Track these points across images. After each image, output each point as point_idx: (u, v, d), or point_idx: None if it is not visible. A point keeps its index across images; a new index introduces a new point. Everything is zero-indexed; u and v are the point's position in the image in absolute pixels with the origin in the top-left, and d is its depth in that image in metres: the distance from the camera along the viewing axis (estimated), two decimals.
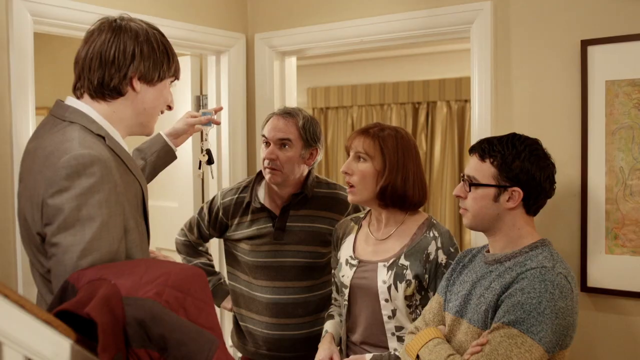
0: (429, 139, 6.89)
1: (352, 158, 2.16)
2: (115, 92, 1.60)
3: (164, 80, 1.66)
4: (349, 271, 2.19)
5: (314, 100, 7.49)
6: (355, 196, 2.15)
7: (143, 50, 1.59)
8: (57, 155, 1.46)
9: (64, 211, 1.43)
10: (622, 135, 2.24)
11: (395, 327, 2.10)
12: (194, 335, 1.32)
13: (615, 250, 2.27)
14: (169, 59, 1.66)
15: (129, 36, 1.59)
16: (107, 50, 1.57)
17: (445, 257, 2.08)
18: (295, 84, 3.34)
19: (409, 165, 2.13)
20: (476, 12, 2.52)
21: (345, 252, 2.25)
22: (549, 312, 1.67)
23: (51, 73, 4.00)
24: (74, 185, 1.44)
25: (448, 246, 2.10)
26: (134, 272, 1.39)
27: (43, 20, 2.38)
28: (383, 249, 2.16)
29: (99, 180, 1.46)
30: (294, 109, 2.49)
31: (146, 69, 1.60)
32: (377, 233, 2.21)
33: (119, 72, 1.58)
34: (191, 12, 2.95)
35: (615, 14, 2.26)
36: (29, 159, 1.59)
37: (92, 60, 1.58)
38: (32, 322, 1.21)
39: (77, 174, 1.44)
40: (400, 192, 2.11)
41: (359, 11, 2.87)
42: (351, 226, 2.31)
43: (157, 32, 1.66)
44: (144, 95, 1.63)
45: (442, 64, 6.66)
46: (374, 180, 2.11)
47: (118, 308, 1.29)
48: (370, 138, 2.13)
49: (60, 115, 1.60)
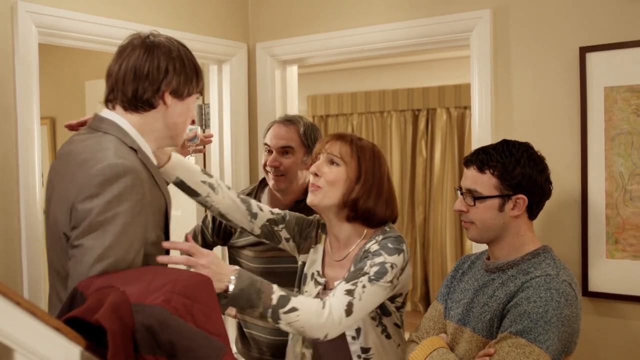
0: (429, 145, 6.92)
1: (324, 161, 1.98)
2: (148, 104, 1.66)
3: (192, 95, 1.74)
4: (313, 289, 2.04)
5: (314, 108, 7.52)
6: (317, 198, 1.95)
7: (175, 66, 1.66)
8: (92, 163, 1.52)
9: (90, 215, 1.48)
10: (622, 140, 2.27)
11: (362, 349, 1.95)
12: (201, 341, 1.33)
13: (615, 254, 2.29)
14: (197, 75, 1.73)
15: (162, 52, 1.66)
16: (141, 66, 1.64)
17: (377, 247, 1.89)
18: (296, 92, 3.36)
19: (384, 180, 2.00)
20: (476, 20, 2.55)
21: (313, 264, 2.09)
22: (555, 321, 1.68)
23: (53, 83, 4.03)
24: (104, 192, 1.49)
25: (386, 243, 1.89)
26: (142, 280, 1.41)
27: (47, 31, 2.40)
28: (341, 272, 1.99)
29: (129, 190, 1.52)
30: (295, 116, 2.52)
31: (177, 84, 1.67)
32: (336, 254, 2.04)
33: (152, 86, 1.64)
34: (193, 22, 2.97)
35: (613, 20, 2.29)
36: (60, 164, 1.65)
37: (126, 74, 1.64)
38: (43, 329, 1.22)
39: (109, 181, 1.50)
40: (371, 206, 1.95)
41: (359, 20, 2.90)
42: (320, 234, 2.14)
43: (186, 49, 1.74)
44: (173, 109, 1.69)
45: (441, 71, 6.69)
46: (343, 188, 1.94)
47: (127, 315, 1.31)
48: (347, 144, 1.99)
49: (96, 126, 1.67)
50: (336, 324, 1.77)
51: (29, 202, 2.34)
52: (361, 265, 1.87)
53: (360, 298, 1.80)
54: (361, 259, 1.91)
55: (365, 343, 1.95)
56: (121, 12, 2.65)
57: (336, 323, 1.77)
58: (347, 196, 1.94)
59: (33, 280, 2.35)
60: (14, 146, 2.31)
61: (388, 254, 1.86)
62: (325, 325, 1.75)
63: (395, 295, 1.97)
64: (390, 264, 1.85)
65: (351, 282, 1.82)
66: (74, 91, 4.04)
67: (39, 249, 2.37)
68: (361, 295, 1.80)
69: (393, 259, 1.86)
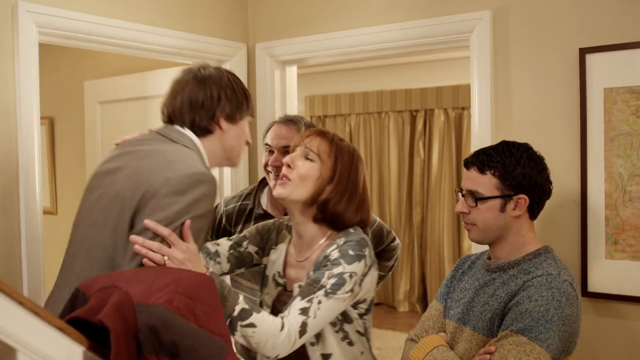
0: (427, 146, 6.93)
1: (299, 154, 1.91)
2: (206, 130, 1.80)
3: (244, 118, 1.87)
4: (273, 290, 1.99)
5: (311, 109, 7.53)
6: (286, 190, 1.88)
7: (227, 93, 1.81)
8: (182, 166, 1.64)
9: (170, 209, 1.59)
10: (621, 141, 2.27)
11: (322, 356, 1.88)
12: (204, 341, 1.33)
13: (615, 255, 2.30)
14: (247, 99, 1.87)
15: (213, 82, 1.80)
16: (196, 97, 1.79)
17: (337, 255, 1.81)
18: (296, 93, 3.37)
19: (358, 185, 1.93)
20: (476, 21, 2.56)
21: (274, 264, 2.03)
22: (556, 320, 1.69)
23: (52, 83, 4.03)
24: (189, 192, 1.62)
25: (347, 249, 1.81)
26: (144, 279, 1.41)
27: (48, 31, 2.41)
28: (302, 273, 1.93)
29: (208, 197, 1.66)
30: (295, 116, 2.52)
31: (230, 110, 1.82)
32: (299, 254, 1.98)
33: (207, 114, 1.79)
34: (193, 22, 2.98)
35: (613, 22, 2.29)
36: (134, 157, 1.73)
37: (182, 105, 1.79)
38: (46, 329, 1.22)
39: (195, 185, 1.63)
40: (341, 210, 1.88)
41: (359, 20, 2.90)
42: (283, 234, 2.07)
43: (235, 76, 1.89)
44: (229, 133, 1.84)
45: (439, 71, 6.70)
46: (314, 185, 1.87)
47: (130, 315, 1.31)
48: (327, 142, 1.91)
49: (175, 138, 1.77)
50: (290, 345, 1.74)
51: (29, 202, 2.33)
52: (318, 276, 1.80)
53: (315, 316, 1.75)
54: (320, 266, 1.84)
55: (324, 349, 1.88)
56: (121, 12, 2.65)
57: (290, 344, 1.74)
58: (317, 195, 1.88)
59: (33, 280, 2.35)
60: (14, 146, 2.31)
61: (347, 263, 1.79)
62: (279, 345, 1.72)
63: (358, 302, 1.89)
64: (350, 274, 1.78)
65: (307, 299, 1.76)
66: (72, 91, 4.03)
67: (39, 248, 2.37)
68: (316, 312, 1.75)
69: (352, 267, 1.79)
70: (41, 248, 2.39)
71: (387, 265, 2.61)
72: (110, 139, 3.70)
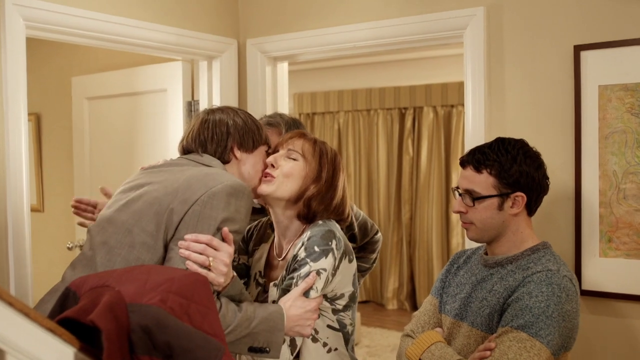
0: (416, 144, 6.93)
1: (282, 154, 1.92)
2: (222, 160, 1.87)
3: (259, 147, 1.93)
4: (254, 290, 1.98)
5: (300, 106, 7.50)
6: (271, 188, 1.87)
7: (236, 123, 1.89)
8: (219, 178, 1.71)
9: (216, 219, 1.66)
10: (615, 139, 2.27)
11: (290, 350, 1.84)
12: (199, 342, 1.30)
13: (609, 253, 2.29)
14: (258, 128, 1.94)
15: (220, 113, 1.91)
16: (205, 131, 1.87)
17: (304, 254, 1.79)
18: (287, 89, 3.34)
19: (337, 189, 1.92)
20: (469, 18, 2.54)
21: (257, 263, 2.03)
22: (556, 316, 1.68)
23: (39, 79, 3.97)
24: (231, 202, 1.69)
25: (313, 245, 1.78)
26: (137, 279, 1.38)
27: (35, 25, 2.36)
28: (281, 273, 1.91)
29: (246, 207, 1.73)
30: (275, 117, 2.40)
31: (242, 138, 1.89)
32: (280, 253, 1.97)
33: (220, 144, 1.87)
34: (183, 17, 2.94)
35: (607, 19, 2.28)
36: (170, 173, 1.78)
37: (195, 142, 1.88)
38: (36, 330, 1.19)
39: (236, 196, 1.70)
40: (320, 210, 1.88)
41: (351, 16, 2.87)
42: (268, 233, 2.07)
43: (242, 110, 1.98)
44: (245, 161, 1.90)
45: (428, 69, 6.70)
46: (299, 183, 1.88)
47: (122, 315, 1.28)
48: (310, 143, 1.93)
49: (207, 163, 1.84)
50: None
51: (16, 199, 2.29)
52: (289, 282, 1.79)
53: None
54: (291, 269, 1.81)
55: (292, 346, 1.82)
56: (110, 6, 2.61)
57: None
58: (302, 193, 1.88)
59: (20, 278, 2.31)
60: (1, 142, 2.26)
61: (314, 261, 1.77)
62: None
63: (335, 297, 1.85)
64: (316, 271, 1.76)
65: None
66: (59, 87, 3.96)
67: (26, 247, 2.33)
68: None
69: (319, 264, 1.76)
70: (28, 246, 2.34)
71: (371, 258, 2.58)
72: (98, 135, 3.67)
